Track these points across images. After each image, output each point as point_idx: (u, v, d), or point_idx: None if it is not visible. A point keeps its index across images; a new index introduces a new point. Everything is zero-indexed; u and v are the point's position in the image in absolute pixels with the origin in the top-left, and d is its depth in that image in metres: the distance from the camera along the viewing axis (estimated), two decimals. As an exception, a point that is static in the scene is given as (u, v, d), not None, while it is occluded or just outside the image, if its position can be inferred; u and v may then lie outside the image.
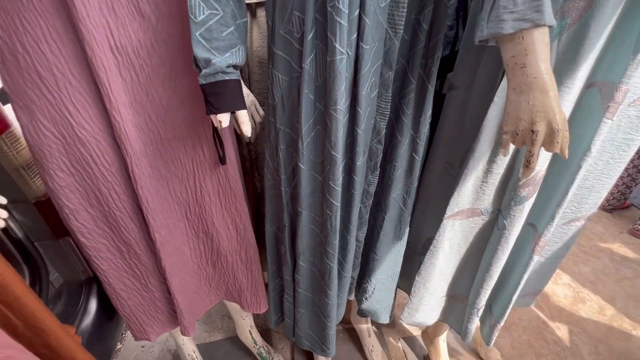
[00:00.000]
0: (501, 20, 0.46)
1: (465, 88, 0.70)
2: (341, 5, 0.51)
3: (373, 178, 0.74)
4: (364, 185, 0.74)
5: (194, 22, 0.54)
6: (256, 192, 1.14)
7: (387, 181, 0.77)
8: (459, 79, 0.71)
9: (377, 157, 0.71)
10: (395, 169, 0.74)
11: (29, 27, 0.50)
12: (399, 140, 0.71)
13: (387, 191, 0.78)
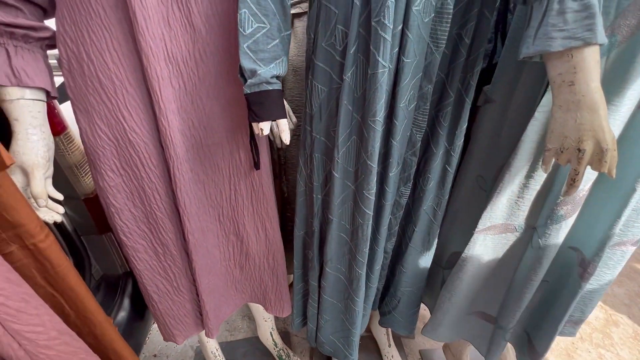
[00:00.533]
0: (550, 38, 0.46)
1: (503, 102, 0.70)
2: (386, 20, 0.52)
3: (405, 190, 0.74)
4: (396, 197, 0.75)
5: (242, 34, 0.57)
6: (283, 196, 1.16)
7: (418, 193, 0.77)
8: (497, 92, 0.71)
9: (411, 168, 0.72)
10: (428, 181, 0.74)
11: (95, 38, 0.54)
12: (433, 153, 0.72)
13: (419, 203, 0.78)
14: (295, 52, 0.94)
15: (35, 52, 0.54)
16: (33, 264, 0.49)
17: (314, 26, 0.62)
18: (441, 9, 0.55)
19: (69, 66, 0.56)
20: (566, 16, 0.44)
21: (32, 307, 0.43)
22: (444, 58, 0.63)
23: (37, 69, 0.54)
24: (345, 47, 0.59)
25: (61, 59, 0.56)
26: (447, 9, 0.55)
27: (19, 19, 0.51)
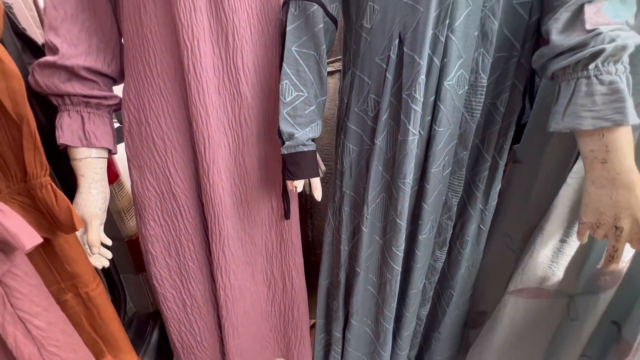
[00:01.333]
0: (579, 117, 0.47)
1: (532, 164, 0.70)
2: (417, 94, 0.56)
3: (441, 254, 0.74)
4: (430, 261, 0.74)
5: (283, 102, 0.62)
6: (307, 240, 1.18)
7: (456, 256, 0.76)
8: (526, 154, 0.71)
9: (447, 232, 0.72)
10: (466, 244, 0.73)
11: (154, 105, 0.61)
12: (470, 215, 0.71)
13: (456, 267, 0.76)
14: (326, 105, 1.00)
15: (104, 117, 0.62)
16: (83, 311, 0.53)
17: (348, 92, 0.67)
18: (475, 82, 0.58)
19: (130, 128, 0.63)
20: (595, 98, 0.46)
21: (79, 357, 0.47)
22: (479, 125, 0.65)
23: (104, 131, 0.61)
24: (377, 114, 0.63)
25: (124, 121, 0.64)
26: (482, 82, 0.58)
27: (94, 91, 0.59)
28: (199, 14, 0.56)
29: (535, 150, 0.70)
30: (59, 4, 0.56)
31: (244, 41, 0.61)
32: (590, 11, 0.45)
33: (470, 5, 0.52)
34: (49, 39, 0.55)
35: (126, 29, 0.58)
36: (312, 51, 0.61)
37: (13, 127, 0.37)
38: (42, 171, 0.40)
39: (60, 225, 0.43)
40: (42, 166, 0.40)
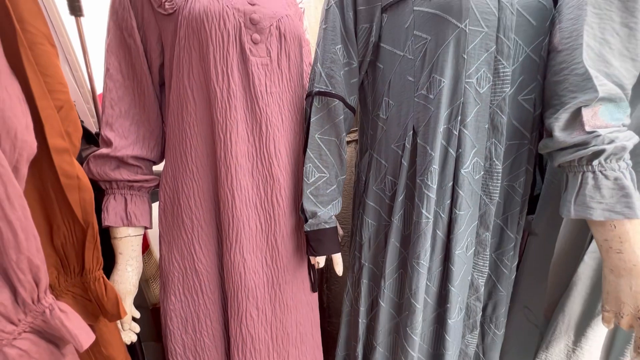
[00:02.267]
0: (589, 207, 0.50)
1: (547, 237, 0.72)
2: (429, 181, 0.60)
3: (472, 338, 0.72)
4: (462, 346, 0.73)
5: (306, 183, 0.68)
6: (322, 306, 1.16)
7: (491, 340, 0.74)
8: (540, 227, 0.73)
9: (476, 314, 0.70)
10: (501, 325, 0.72)
11: (186, 188, 0.67)
12: (502, 295, 0.71)
13: (493, 352, 0.74)
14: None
15: (144, 197, 0.68)
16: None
17: (366, 171, 0.72)
18: (490, 169, 0.62)
19: (164, 207, 0.69)
20: (603, 191, 0.49)
21: None
22: (499, 206, 0.67)
23: (143, 210, 0.67)
24: (394, 194, 0.67)
25: (160, 200, 0.70)
26: (496, 168, 0.62)
27: (138, 175, 0.66)
28: (234, 112, 0.64)
29: (549, 223, 0.71)
30: (115, 104, 0.64)
31: (275, 129, 0.67)
32: (587, 114, 0.50)
33: (479, 103, 0.58)
34: (105, 134, 0.63)
35: (169, 122, 0.66)
36: (333, 137, 0.68)
37: (79, 230, 0.42)
38: (97, 266, 0.45)
39: (106, 314, 0.46)
40: (97, 261, 0.45)
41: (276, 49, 0.66)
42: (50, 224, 0.41)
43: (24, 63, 0.35)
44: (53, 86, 0.39)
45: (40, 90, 0.36)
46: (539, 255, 0.73)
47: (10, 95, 0.33)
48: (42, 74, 0.38)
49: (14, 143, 0.33)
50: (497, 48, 0.56)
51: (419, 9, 0.56)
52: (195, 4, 0.59)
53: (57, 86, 0.40)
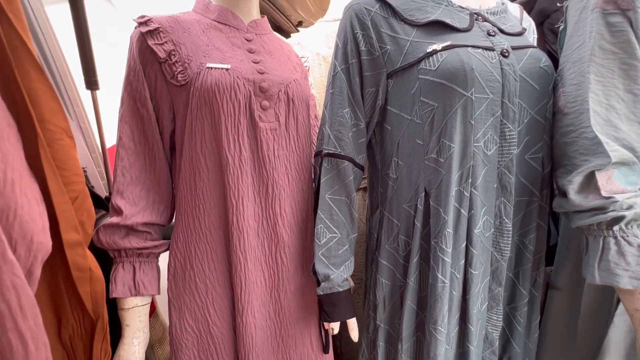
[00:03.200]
0: (615, 274, 0.48)
1: (571, 292, 0.69)
2: (444, 245, 0.59)
3: None
4: None
5: (317, 244, 0.66)
6: (335, 352, 1.11)
7: None
8: (562, 280, 0.70)
9: None
10: None
11: (199, 252, 0.66)
12: (517, 352, 0.68)
13: None
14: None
15: (153, 263, 0.67)
16: None
17: (377, 228, 0.71)
18: (500, 226, 0.61)
19: (175, 272, 0.68)
20: (627, 258, 0.47)
21: None
22: (510, 261, 0.65)
23: (152, 278, 0.65)
24: (408, 254, 0.65)
25: (169, 266, 0.68)
26: (506, 226, 0.61)
27: (147, 242, 0.65)
28: (245, 176, 0.64)
29: (571, 277, 0.69)
30: (127, 171, 0.65)
31: (281, 190, 0.68)
32: (602, 179, 0.50)
33: (487, 165, 0.58)
34: (115, 202, 0.63)
35: (181, 187, 0.66)
36: (343, 197, 0.67)
37: (88, 322, 0.41)
38: (105, 357, 0.43)
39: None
40: (106, 353, 0.43)
41: (284, 113, 0.68)
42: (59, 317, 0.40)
43: (43, 164, 0.35)
44: (70, 178, 0.40)
45: (57, 187, 0.36)
46: (563, 314, 0.70)
47: (29, 199, 0.33)
48: (59, 168, 0.38)
49: (30, 247, 0.32)
50: (502, 112, 0.57)
51: (424, 77, 0.57)
52: (207, 76, 0.61)
53: (73, 178, 0.40)
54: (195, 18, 0.69)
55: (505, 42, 0.58)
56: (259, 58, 0.69)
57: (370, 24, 0.62)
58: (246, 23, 0.72)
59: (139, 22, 0.64)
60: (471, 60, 0.54)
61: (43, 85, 0.35)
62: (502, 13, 0.64)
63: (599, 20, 0.50)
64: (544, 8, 0.79)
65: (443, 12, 0.60)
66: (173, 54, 0.63)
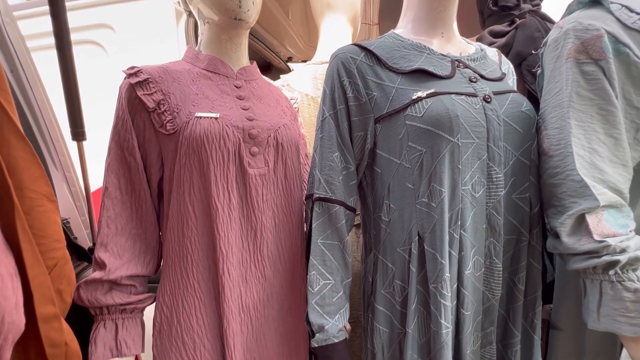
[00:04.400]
0: (616, 321, 0.47)
1: (573, 331, 0.67)
2: (444, 290, 0.57)
3: None
4: None
5: (311, 292, 0.64)
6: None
7: None
8: (564, 320, 0.69)
9: None
10: None
11: (187, 305, 0.63)
12: None
13: None
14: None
15: (137, 319, 0.63)
16: None
17: (372, 272, 0.69)
18: (490, 266, 0.61)
19: (160, 328, 0.64)
20: (626, 304, 0.47)
21: None
22: (502, 298, 0.64)
23: (136, 336, 0.62)
24: (405, 300, 0.63)
25: (154, 322, 0.64)
26: (497, 266, 0.60)
27: (131, 297, 0.62)
28: (234, 223, 0.63)
29: (572, 316, 0.67)
30: (112, 222, 0.63)
31: (269, 233, 0.67)
32: (592, 222, 0.50)
33: (475, 206, 0.58)
34: (99, 255, 0.61)
35: (168, 238, 0.64)
36: (336, 242, 0.66)
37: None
38: None
39: None
40: None
41: (273, 159, 0.68)
42: (30, 399, 0.37)
43: (19, 235, 0.33)
44: (49, 246, 0.38)
45: (33, 258, 0.34)
46: (566, 355, 0.67)
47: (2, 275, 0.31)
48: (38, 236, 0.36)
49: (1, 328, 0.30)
50: (488, 155, 0.58)
51: (411, 123, 0.58)
52: (196, 126, 0.61)
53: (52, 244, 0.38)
54: (185, 67, 0.70)
55: (487, 87, 0.60)
56: (248, 104, 0.70)
57: (356, 72, 0.64)
58: (235, 70, 0.73)
59: (128, 73, 0.65)
60: (455, 107, 0.56)
61: (24, 152, 0.34)
62: (481, 59, 0.67)
63: (573, 68, 0.53)
64: (521, 51, 0.83)
65: (426, 60, 0.63)
66: (162, 104, 0.64)
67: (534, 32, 0.81)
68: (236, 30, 0.71)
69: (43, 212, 0.37)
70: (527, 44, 0.81)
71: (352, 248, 1.00)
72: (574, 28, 0.53)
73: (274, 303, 0.69)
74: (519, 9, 0.86)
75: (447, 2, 0.65)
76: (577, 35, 0.52)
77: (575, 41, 0.52)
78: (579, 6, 0.56)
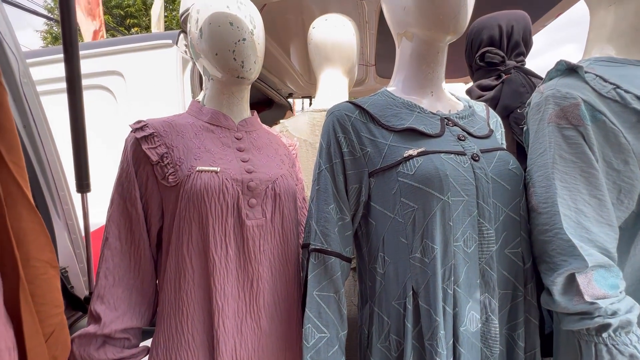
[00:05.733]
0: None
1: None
2: (439, 347, 0.57)
3: None
4: None
5: (306, 347, 0.63)
6: None
7: None
8: (564, 376, 0.67)
9: None
10: None
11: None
12: None
13: None
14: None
15: (128, 374, 0.62)
16: None
17: (368, 324, 0.69)
18: (487, 322, 0.60)
19: (152, 384, 0.63)
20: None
21: None
22: (502, 354, 0.63)
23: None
24: (401, 354, 0.62)
25: (147, 377, 0.63)
26: (493, 323, 0.60)
27: (124, 351, 0.61)
28: (231, 275, 0.64)
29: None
30: (110, 273, 0.64)
31: (265, 283, 0.68)
32: (583, 282, 0.51)
33: (468, 262, 0.59)
34: (95, 308, 0.61)
35: (165, 289, 0.65)
36: (332, 293, 0.66)
37: None
38: None
39: None
40: None
41: (271, 209, 0.70)
42: None
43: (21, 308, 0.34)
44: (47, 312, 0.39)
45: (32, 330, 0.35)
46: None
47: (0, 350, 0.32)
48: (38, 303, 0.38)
49: (-6, 406, 0.30)
50: (478, 212, 0.60)
51: (403, 180, 0.61)
52: (197, 180, 0.64)
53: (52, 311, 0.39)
54: (189, 121, 0.74)
55: (475, 146, 0.64)
56: (247, 156, 0.73)
57: (351, 129, 0.67)
58: (236, 122, 0.77)
59: (134, 127, 0.68)
60: (444, 166, 0.58)
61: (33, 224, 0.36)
62: (469, 116, 0.71)
63: (555, 132, 0.56)
64: (508, 105, 0.88)
65: (416, 118, 0.66)
66: (165, 157, 0.67)
67: (519, 87, 0.86)
68: (238, 87, 0.76)
69: (45, 279, 0.38)
70: (513, 98, 0.86)
71: (350, 292, 0.99)
72: (553, 95, 0.57)
73: (269, 355, 0.68)
74: (504, 65, 0.92)
75: (434, 65, 0.70)
76: (556, 102, 0.56)
77: (555, 107, 0.56)
78: (557, 74, 0.61)
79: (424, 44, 0.67)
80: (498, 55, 0.92)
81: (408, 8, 0.64)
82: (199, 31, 0.71)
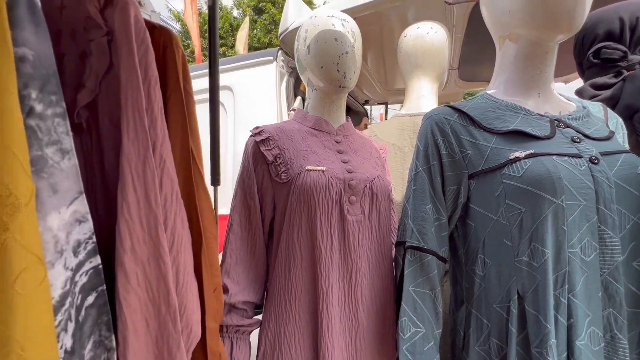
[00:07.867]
0: None
1: None
2: (549, 356, 0.54)
3: None
4: None
5: (402, 338, 0.66)
6: None
7: None
8: None
9: None
10: None
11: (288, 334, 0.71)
12: None
13: None
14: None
15: (246, 340, 0.74)
16: None
17: (464, 325, 0.69)
18: (612, 341, 0.56)
19: (265, 352, 0.73)
20: None
21: None
22: None
23: (246, 355, 0.72)
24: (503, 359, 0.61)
25: (259, 345, 0.74)
26: (621, 343, 0.55)
27: (244, 320, 0.73)
28: (335, 265, 0.71)
29: None
30: (233, 253, 0.76)
31: (363, 277, 0.73)
32: None
33: (587, 271, 0.56)
34: (223, 281, 0.74)
35: (276, 271, 0.75)
36: (427, 290, 0.68)
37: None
38: None
39: None
40: None
41: (369, 207, 0.76)
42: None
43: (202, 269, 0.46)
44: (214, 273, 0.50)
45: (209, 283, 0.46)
46: None
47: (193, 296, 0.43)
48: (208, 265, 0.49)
49: (189, 335, 0.41)
50: (599, 218, 0.56)
51: (508, 182, 0.60)
52: (307, 177, 0.73)
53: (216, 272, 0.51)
54: (296, 126, 0.84)
55: (592, 148, 0.60)
56: (347, 158, 0.80)
57: (450, 131, 0.69)
58: (335, 127, 0.85)
59: (253, 132, 0.81)
60: (557, 169, 0.56)
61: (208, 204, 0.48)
62: (584, 117, 0.67)
63: None
64: (630, 104, 0.78)
65: (522, 120, 0.65)
66: (278, 157, 0.78)
67: (646, 84, 0.76)
68: (338, 95, 0.84)
69: (212, 248, 0.49)
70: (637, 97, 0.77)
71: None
72: None
73: (365, 346, 0.73)
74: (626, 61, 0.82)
75: (543, 66, 0.67)
76: None
77: None
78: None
79: (531, 44, 0.66)
80: (618, 51, 0.83)
81: (514, 11, 0.64)
82: (307, 48, 0.81)
